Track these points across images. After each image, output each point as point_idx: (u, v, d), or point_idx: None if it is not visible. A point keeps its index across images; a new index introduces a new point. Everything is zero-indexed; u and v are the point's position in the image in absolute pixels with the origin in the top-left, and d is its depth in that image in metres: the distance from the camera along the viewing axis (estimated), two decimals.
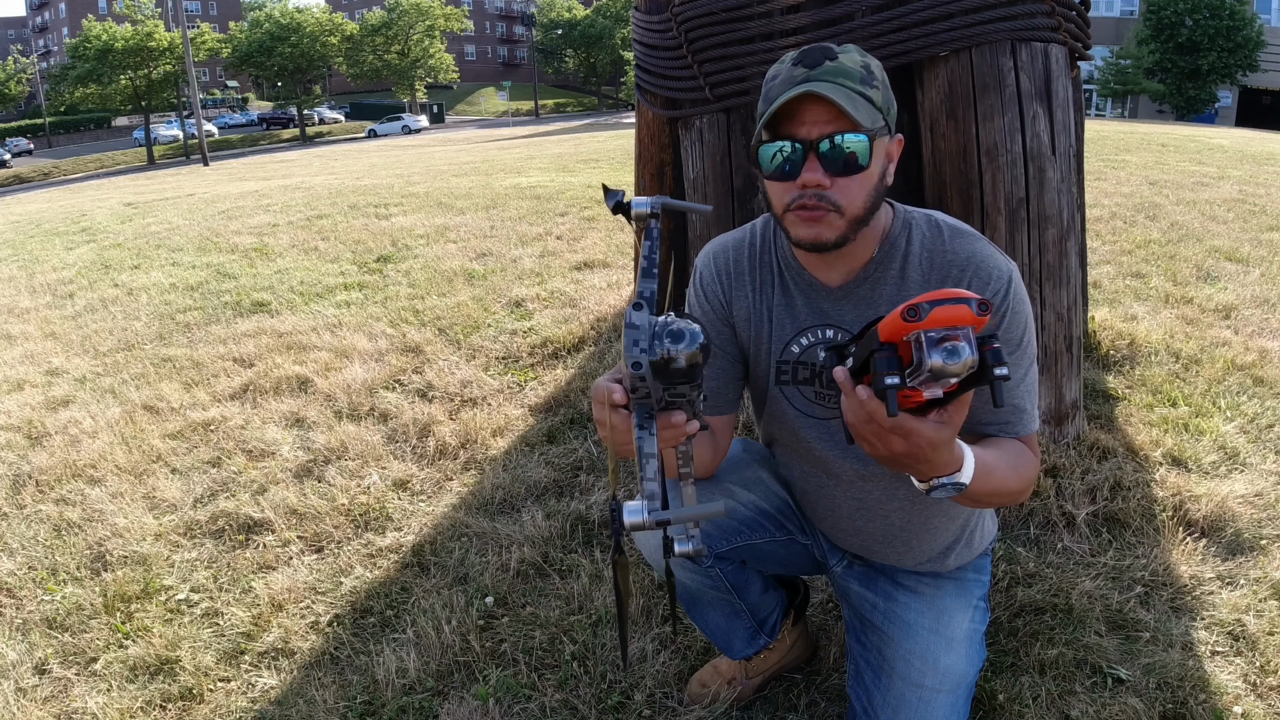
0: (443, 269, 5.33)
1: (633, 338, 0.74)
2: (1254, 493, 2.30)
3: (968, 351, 0.76)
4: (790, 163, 1.07)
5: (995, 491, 1.06)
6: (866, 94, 1.05)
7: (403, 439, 2.93)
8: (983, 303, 0.77)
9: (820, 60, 1.06)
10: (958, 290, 0.77)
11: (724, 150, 2.72)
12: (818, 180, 1.06)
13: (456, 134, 38.77)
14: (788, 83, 1.06)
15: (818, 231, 1.10)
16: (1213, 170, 9.35)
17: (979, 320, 0.77)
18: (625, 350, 0.74)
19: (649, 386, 0.75)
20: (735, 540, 1.40)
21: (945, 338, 0.76)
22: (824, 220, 1.09)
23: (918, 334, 0.77)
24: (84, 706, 1.74)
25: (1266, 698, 1.60)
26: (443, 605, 1.96)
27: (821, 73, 1.05)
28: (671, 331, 0.73)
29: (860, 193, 1.09)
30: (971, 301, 0.76)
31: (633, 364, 0.73)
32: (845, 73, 1.05)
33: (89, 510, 2.57)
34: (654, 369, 0.74)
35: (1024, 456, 1.14)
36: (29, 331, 4.78)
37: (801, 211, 1.10)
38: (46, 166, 39.35)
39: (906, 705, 1.31)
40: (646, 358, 0.73)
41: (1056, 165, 2.31)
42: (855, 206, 1.10)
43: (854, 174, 1.07)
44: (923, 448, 0.89)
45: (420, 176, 12.34)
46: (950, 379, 0.78)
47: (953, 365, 0.76)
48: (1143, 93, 36.34)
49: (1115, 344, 3.33)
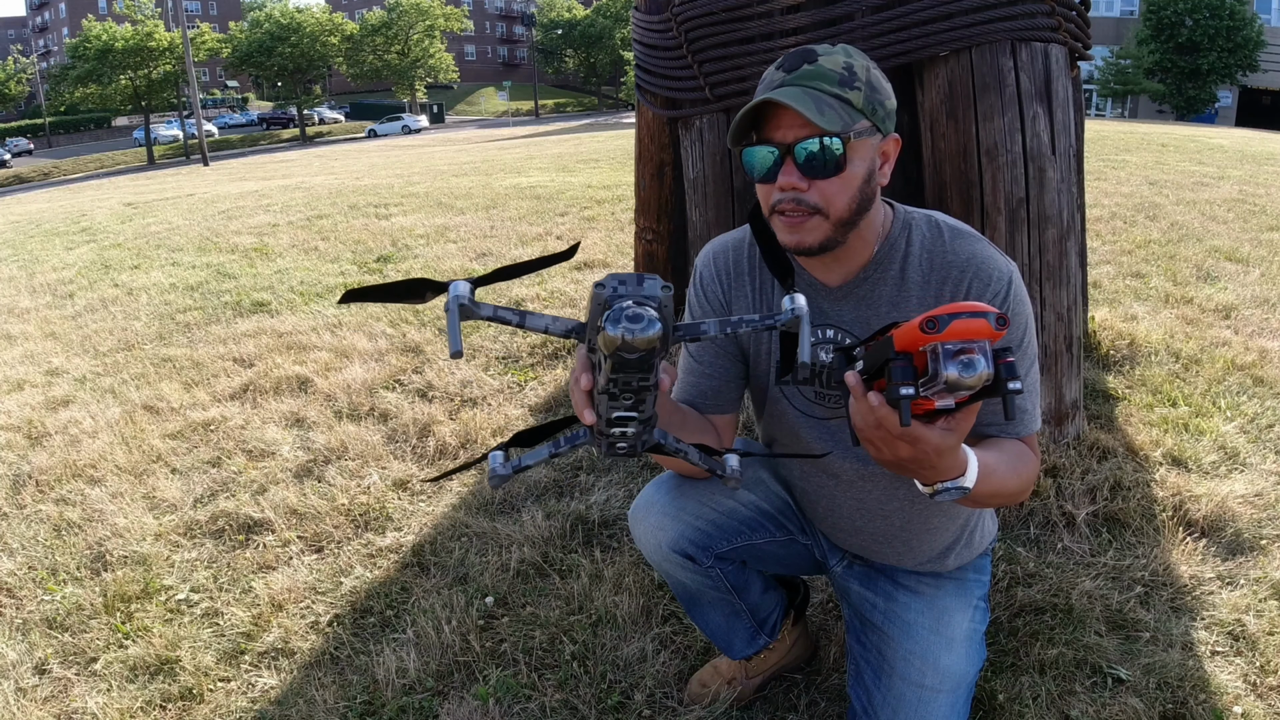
0: (443, 269, 5.33)
1: (629, 278, 0.71)
2: (1254, 493, 2.30)
3: (984, 365, 0.76)
4: (767, 167, 1.09)
5: (996, 493, 1.06)
6: (844, 95, 1.05)
7: (403, 439, 2.93)
8: (1001, 317, 0.77)
9: (798, 64, 1.07)
10: (977, 304, 0.77)
11: (724, 150, 2.72)
12: (793, 184, 1.07)
13: (456, 134, 38.77)
14: (766, 87, 1.08)
15: (799, 237, 1.11)
16: (1213, 170, 9.35)
17: (997, 334, 0.77)
18: (607, 275, 0.73)
19: (590, 317, 0.74)
20: (736, 541, 1.40)
21: (962, 350, 0.76)
22: (805, 225, 1.10)
23: (935, 345, 0.77)
24: (84, 706, 1.74)
25: (1266, 698, 1.60)
26: (443, 605, 1.96)
27: (796, 77, 1.06)
28: (634, 315, 0.69)
29: (842, 194, 1.09)
30: (990, 315, 0.77)
31: (600, 282, 0.72)
32: (821, 75, 1.05)
33: (89, 510, 2.57)
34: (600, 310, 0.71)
35: (1025, 457, 1.14)
36: (29, 331, 4.78)
37: (783, 216, 1.11)
38: (46, 166, 39.35)
39: (906, 705, 1.31)
40: (609, 295, 0.71)
41: (1056, 165, 2.31)
42: (838, 208, 1.09)
43: (831, 176, 1.07)
44: (929, 454, 0.89)
45: (420, 176, 12.34)
46: (963, 391, 0.78)
47: (968, 378, 0.76)
48: (1143, 93, 36.35)
49: (1115, 344, 3.33)
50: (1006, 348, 0.79)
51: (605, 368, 0.74)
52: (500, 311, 0.75)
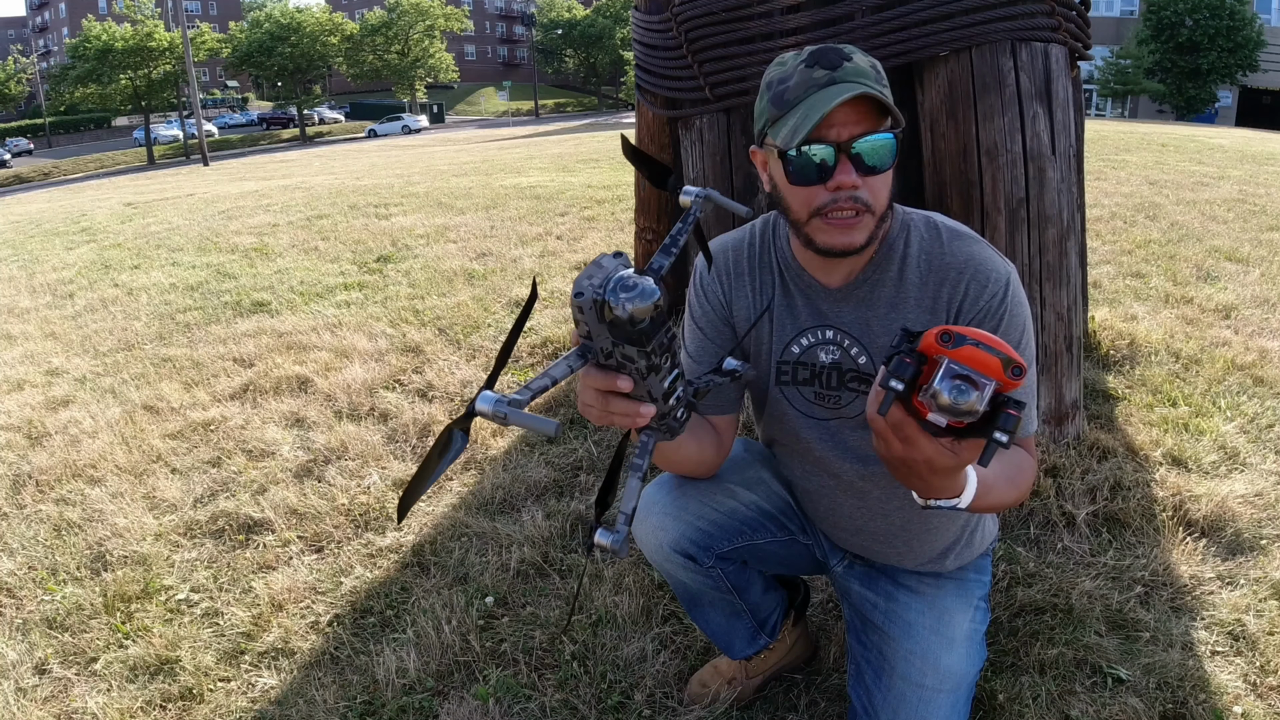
0: (443, 269, 5.33)
1: (589, 271, 0.73)
2: (1254, 493, 2.30)
3: (975, 397, 0.75)
4: (820, 167, 1.06)
5: (991, 506, 1.07)
6: (884, 92, 1.06)
7: (403, 439, 2.93)
8: (1018, 366, 0.75)
9: (839, 61, 1.05)
10: (1002, 342, 0.76)
11: (724, 150, 2.72)
12: (853, 182, 1.06)
13: (456, 134, 38.77)
14: (809, 85, 1.05)
15: (851, 237, 1.10)
16: (1213, 170, 9.35)
17: (1006, 380, 0.76)
18: (576, 279, 0.73)
19: (590, 328, 0.74)
20: (737, 541, 1.40)
21: (965, 375, 0.76)
22: (857, 224, 1.09)
23: (944, 359, 0.77)
24: (84, 706, 1.74)
25: (1266, 698, 1.60)
26: (443, 605, 1.96)
27: (846, 74, 1.04)
28: (625, 283, 0.71)
29: (885, 191, 1.10)
30: (1009, 360, 0.75)
31: (576, 292, 0.72)
32: (863, 73, 1.05)
33: (89, 510, 2.57)
34: (596, 310, 0.72)
35: (1022, 467, 1.14)
36: (29, 331, 4.78)
37: (834, 219, 1.09)
38: (46, 166, 39.35)
39: (907, 705, 1.31)
40: (591, 293, 0.72)
41: (1056, 165, 2.31)
42: (881, 204, 1.11)
43: (884, 171, 1.08)
44: (919, 462, 0.86)
45: (420, 176, 12.34)
46: (948, 413, 0.77)
47: (957, 402, 0.75)
48: (1143, 93, 36.35)
49: (1115, 344, 3.33)
50: (1019, 402, 0.77)
51: (633, 351, 0.74)
52: (534, 388, 0.74)
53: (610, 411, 0.83)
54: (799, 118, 1.04)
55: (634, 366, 0.78)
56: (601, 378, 0.80)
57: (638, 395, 0.82)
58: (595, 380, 0.80)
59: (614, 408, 0.82)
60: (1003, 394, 0.77)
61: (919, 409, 0.81)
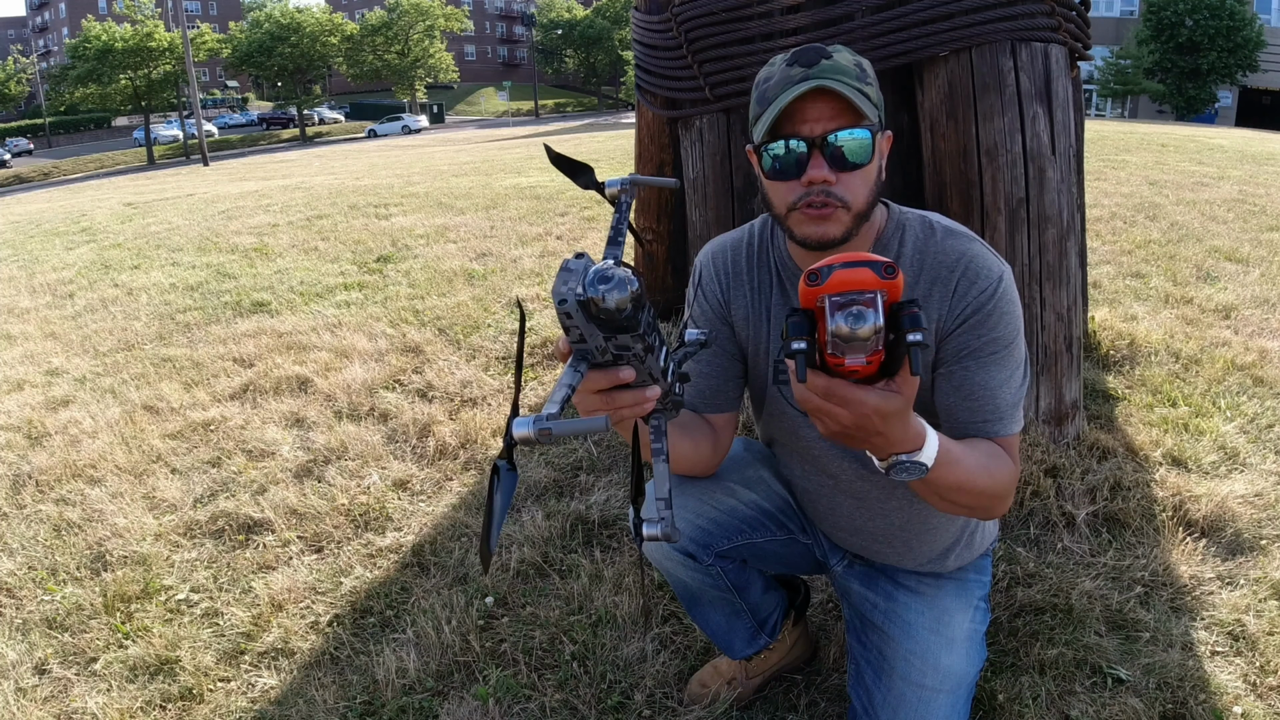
0: (443, 269, 5.33)
1: (562, 278, 0.74)
2: (1254, 493, 2.30)
3: (873, 317, 0.74)
4: (794, 162, 1.07)
5: (962, 485, 1.04)
6: (864, 90, 1.06)
7: (403, 439, 2.93)
8: (889, 265, 0.74)
9: (816, 59, 1.06)
10: (863, 254, 0.76)
11: (724, 150, 2.73)
12: (824, 177, 1.06)
13: (456, 134, 38.77)
14: (785, 82, 1.06)
15: (824, 229, 1.10)
16: (1213, 170, 9.35)
17: (885, 284, 0.74)
18: (553, 290, 0.74)
19: (581, 329, 0.75)
20: (736, 539, 1.40)
21: (850, 302, 0.74)
22: (831, 217, 1.09)
23: (823, 298, 0.75)
24: (84, 706, 1.74)
25: (1266, 698, 1.60)
26: (443, 605, 1.96)
27: (821, 70, 1.05)
28: (602, 275, 0.72)
29: (863, 188, 1.10)
30: (876, 265, 0.74)
31: (559, 300, 0.73)
32: (842, 70, 1.06)
33: (89, 510, 2.57)
34: (583, 310, 0.73)
35: (998, 456, 1.12)
36: (29, 331, 4.78)
37: (808, 210, 1.09)
38: (46, 166, 39.33)
39: (907, 705, 1.31)
40: (573, 296, 0.72)
41: (1056, 165, 2.31)
42: (859, 201, 1.10)
43: (857, 169, 1.08)
44: (870, 417, 0.85)
45: (420, 176, 12.34)
46: (862, 345, 0.76)
47: (860, 329, 0.74)
48: (1143, 93, 36.36)
49: (1115, 344, 3.33)
50: (910, 300, 0.76)
51: (628, 338, 0.75)
52: (558, 400, 0.74)
53: (618, 405, 0.83)
54: (770, 113, 1.06)
55: (632, 353, 0.78)
56: (603, 377, 0.80)
57: (640, 380, 0.82)
58: (597, 381, 0.80)
59: (621, 400, 0.82)
60: (894, 302, 0.76)
61: (836, 364, 0.80)
